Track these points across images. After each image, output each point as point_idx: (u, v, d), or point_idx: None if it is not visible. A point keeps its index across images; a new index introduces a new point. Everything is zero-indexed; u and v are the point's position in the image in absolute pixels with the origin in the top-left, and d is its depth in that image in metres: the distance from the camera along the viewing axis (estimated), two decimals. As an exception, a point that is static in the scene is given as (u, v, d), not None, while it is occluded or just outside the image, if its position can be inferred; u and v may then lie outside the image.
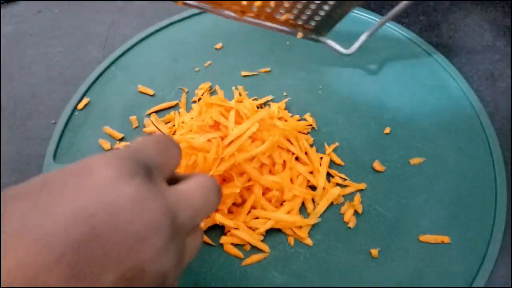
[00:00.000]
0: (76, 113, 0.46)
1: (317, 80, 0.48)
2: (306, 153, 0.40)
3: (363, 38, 0.44)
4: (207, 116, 0.38)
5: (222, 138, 0.36)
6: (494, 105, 0.46)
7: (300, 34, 0.40)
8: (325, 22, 0.39)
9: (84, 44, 0.54)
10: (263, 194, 0.37)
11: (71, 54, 0.53)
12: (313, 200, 0.39)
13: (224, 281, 0.35)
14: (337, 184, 0.40)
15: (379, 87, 0.47)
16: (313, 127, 0.44)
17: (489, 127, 0.43)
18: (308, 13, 0.38)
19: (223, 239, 0.37)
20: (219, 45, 0.51)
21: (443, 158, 0.41)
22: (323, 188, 0.39)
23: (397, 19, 0.53)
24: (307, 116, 0.44)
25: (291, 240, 0.37)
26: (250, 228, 0.37)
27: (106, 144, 0.43)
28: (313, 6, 0.37)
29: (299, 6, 0.37)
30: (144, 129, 0.44)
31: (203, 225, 0.37)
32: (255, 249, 0.37)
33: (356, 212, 0.38)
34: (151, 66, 0.50)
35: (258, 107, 0.45)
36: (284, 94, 0.47)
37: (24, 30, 0.56)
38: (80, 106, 0.46)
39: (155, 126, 0.44)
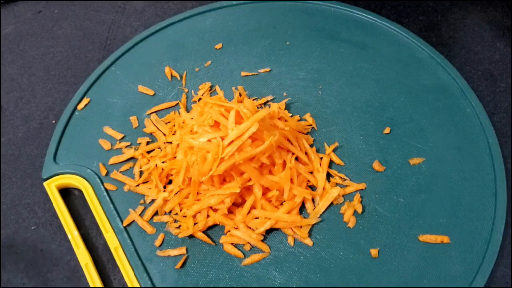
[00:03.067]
0: (76, 113, 0.46)
1: (317, 80, 0.48)
2: (306, 153, 0.40)
3: None
4: (207, 116, 0.38)
5: (222, 138, 0.36)
6: (494, 105, 0.46)
7: None
8: None
9: (84, 44, 0.54)
10: (263, 194, 0.37)
11: (71, 54, 0.53)
12: (313, 200, 0.39)
13: (224, 281, 0.35)
14: (337, 184, 0.40)
15: (379, 87, 0.47)
16: (313, 127, 0.44)
17: (488, 127, 0.43)
18: None
19: (223, 239, 0.37)
20: (219, 45, 0.51)
21: (443, 158, 0.41)
22: (323, 188, 0.39)
23: (397, 19, 0.53)
24: (307, 116, 0.44)
25: (291, 240, 0.37)
26: (250, 228, 0.37)
27: (106, 144, 0.43)
28: None
29: None
30: (144, 129, 0.44)
31: (203, 224, 0.37)
32: (255, 249, 0.37)
33: (356, 212, 0.38)
34: (151, 66, 0.50)
35: (258, 107, 0.45)
36: (284, 94, 0.47)
37: (24, 30, 0.56)
38: (80, 106, 0.46)
39: (155, 126, 0.44)
